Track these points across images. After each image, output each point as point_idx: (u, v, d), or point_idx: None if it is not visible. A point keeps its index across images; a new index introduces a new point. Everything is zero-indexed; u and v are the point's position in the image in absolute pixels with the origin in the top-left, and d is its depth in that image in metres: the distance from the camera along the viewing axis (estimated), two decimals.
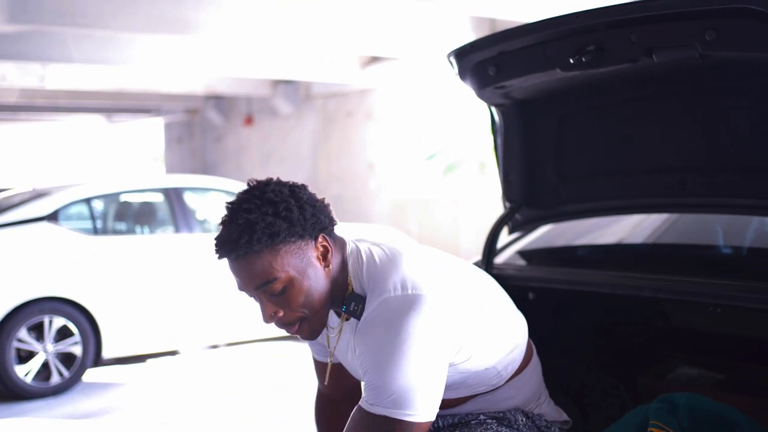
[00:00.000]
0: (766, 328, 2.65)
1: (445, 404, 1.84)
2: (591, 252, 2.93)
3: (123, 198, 7.16)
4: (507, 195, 2.70)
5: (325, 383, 1.96)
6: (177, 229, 6.87)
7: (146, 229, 7.03)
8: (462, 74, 2.41)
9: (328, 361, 1.91)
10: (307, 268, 1.67)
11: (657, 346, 2.95)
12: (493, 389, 1.92)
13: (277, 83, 12.71)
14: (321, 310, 1.72)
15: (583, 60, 2.08)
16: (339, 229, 1.78)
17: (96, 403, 5.75)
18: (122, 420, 5.30)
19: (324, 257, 1.71)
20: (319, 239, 1.70)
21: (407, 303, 1.64)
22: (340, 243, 1.78)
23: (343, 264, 1.76)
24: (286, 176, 1.76)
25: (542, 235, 2.94)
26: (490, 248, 2.68)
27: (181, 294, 6.64)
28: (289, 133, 13.35)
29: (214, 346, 7.25)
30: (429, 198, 11.23)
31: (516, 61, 2.27)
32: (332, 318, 1.84)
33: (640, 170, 2.44)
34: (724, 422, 2.07)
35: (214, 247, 1.65)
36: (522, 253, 2.85)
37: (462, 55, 2.36)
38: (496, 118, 2.62)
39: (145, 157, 23.63)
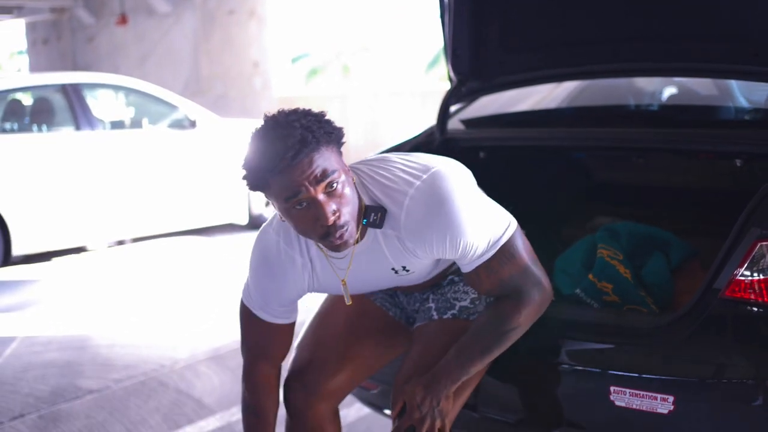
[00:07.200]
0: (680, 174, 3.15)
1: (426, 285, 2.08)
2: (527, 116, 3.30)
3: (17, 96, 6.99)
4: (455, 68, 3.01)
5: (348, 302, 1.96)
6: (78, 127, 6.81)
7: (45, 128, 6.91)
8: None
9: (342, 288, 1.93)
10: (347, 173, 1.74)
11: (579, 199, 3.41)
12: None
13: None
14: (355, 216, 1.75)
15: None
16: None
17: (14, 298, 5.79)
18: (47, 312, 5.39)
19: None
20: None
21: (434, 182, 1.77)
22: None
23: None
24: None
25: (474, 106, 3.29)
26: (444, 116, 3.02)
27: (86, 190, 6.67)
28: (167, 33, 13.02)
29: (121, 242, 7.33)
30: (318, 95, 11.39)
31: None
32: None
33: (577, 41, 2.80)
34: (657, 241, 2.54)
35: (270, 163, 1.64)
36: (465, 122, 3.20)
37: None
38: None
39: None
